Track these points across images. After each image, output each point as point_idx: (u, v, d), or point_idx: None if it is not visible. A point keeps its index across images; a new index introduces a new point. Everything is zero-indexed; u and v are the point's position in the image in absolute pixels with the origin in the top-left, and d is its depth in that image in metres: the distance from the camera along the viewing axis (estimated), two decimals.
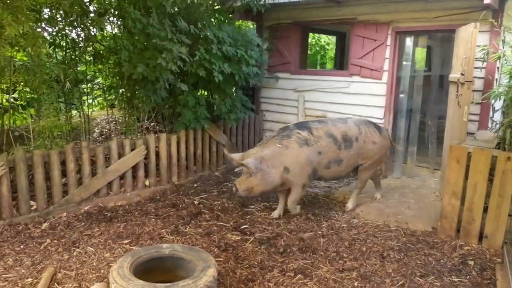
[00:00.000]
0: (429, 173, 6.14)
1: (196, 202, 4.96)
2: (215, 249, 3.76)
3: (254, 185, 4.22)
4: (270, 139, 4.45)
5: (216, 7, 6.04)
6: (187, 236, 4.01)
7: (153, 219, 4.42)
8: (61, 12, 4.68)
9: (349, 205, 4.84)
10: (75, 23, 4.90)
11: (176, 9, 5.01)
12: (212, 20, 5.58)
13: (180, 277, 2.92)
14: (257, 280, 3.27)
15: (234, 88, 5.94)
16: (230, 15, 5.99)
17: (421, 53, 10.10)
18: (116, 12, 5.16)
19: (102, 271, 3.33)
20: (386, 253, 3.77)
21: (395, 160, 6.16)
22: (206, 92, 6.03)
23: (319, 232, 4.19)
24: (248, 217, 4.58)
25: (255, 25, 6.83)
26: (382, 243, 3.97)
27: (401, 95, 6.11)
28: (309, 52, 9.43)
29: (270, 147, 4.35)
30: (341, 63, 9.08)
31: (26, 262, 3.46)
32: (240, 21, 7.24)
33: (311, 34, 10.03)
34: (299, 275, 3.35)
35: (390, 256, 3.71)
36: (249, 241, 3.96)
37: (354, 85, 6.08)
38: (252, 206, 4.85)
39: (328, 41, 12.21)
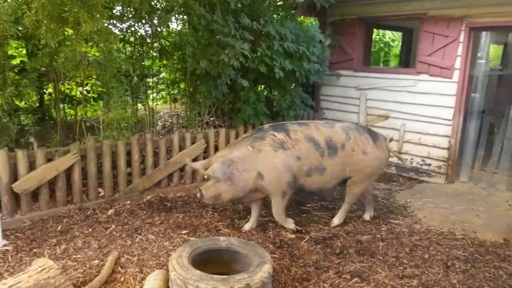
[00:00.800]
0: (500, 180, 5.69)
1: None
2: (270, 246, 3.75)
3: (222, 192, 3.74)
4: (241, 140, 3.95)
5: (279, 3, 6.02)
6: (243, 231, 4.05)
7: (210, 212, 4.51)
8: (131, 9, 4.90)
9: (335, 220, 4.27)
10: (144, 20, 5.11)
11: (239, 6, 5.05)
12: (275, 16, 5.57)
13: (235, 270, 2.96)
14: (312, 280, 3.22)
15: (293, 85, 5.89)
16: (293, 11, 5.94)
17: (495, 51, 9.38)
18: (182, 9, 5.32)
19: (161, 258, 3.45)
20: (451, 262, 3.55)
21: (462, 164, 5.78)
22: (265, 88, 6.04)
23: (378, 236, 4.04)
24: (304, 215, 4.52)
25: (317, 21, 6.71)
26: (447, 252, 3.74)
27: (473, 95, 5.71)
28: (372, 49, 9.11)
29: (240, 148, 3.83)
30: (406, 60, 8.67)
31: (93, 244, 3.69)
32: (302, 17, 7.16)
33: (375, 30, 9.68)
34: (355, 278, 3.25)
35: (455, 266, 3.49)
36: (305, 240, 3.91)
37: (421, 83, 5.77)
38: (308, 205, 4.79)
39: (393, 37, 11.73)
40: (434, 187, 5.55)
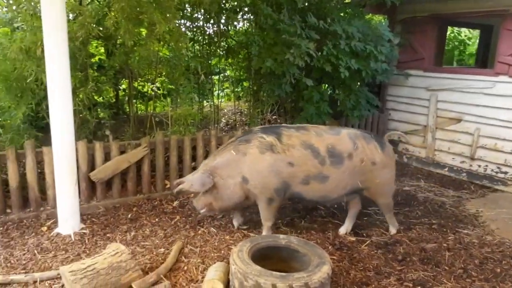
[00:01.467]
0: None
1: None
2: (329, 247, 3.72)
3: (211, 201, 3.65)
4: (225, 145, 3.77)
5: (347, 1, 5.91)
6: (302, 230, 4.05)
7: None
8: (201, 10, 5.08)
9: (391, 230, 4.07)
10: (212, 20, 5.28)
11: (306, 5, 5.05)
12: (342, 14, 5.48)
13: (294, 269, 2.98)
14: (372, 284, 3.15)
15: (359, 84, 5.77)
16: (361, 9, 5.81)
17: None
18: (249, 9, 5.42)
19: (222, 251, 3.57)
20: None
21: None
22: (329, 87, 5.98)
23: (444, 245, 3.84)
24: (365, 218, 4.42)
25: (386, 19, 6.50)
26: None
27: None
28: (445, 47, 8.62)
29: (223, 154, 3.66)
30: (484, 60, 8.10)
31: (160, 233, 3.90)
32: (370, 14, 6.96)
33: (449, 28, 9.15)
34: (418, 287, 3.13)
35: None
36: (365, 244, 3.82)
37: (500, 85, 5.37)
38: (370, 208, 4.67)
39: (470, 35, 10.99)
40: (510, 197, 5.16)
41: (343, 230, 4.02)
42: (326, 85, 5.95)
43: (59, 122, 3.58)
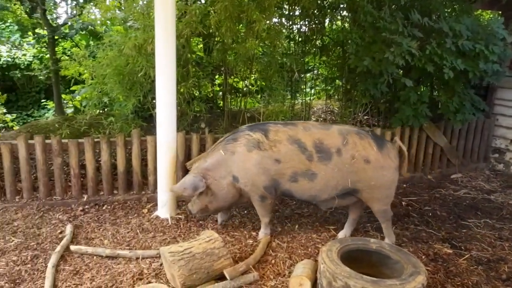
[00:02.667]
0: None
1: (403, 203, 4.74)
2: (423, 257, 3.53)
3: (207, 203, 3.62)
4: (215, 145, 3.67)
5: None
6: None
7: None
8: (299, 8, 5.11)
9: (386, 241, 3.65)
10: (309, 18, 5.28)
11: (409, 1, 4.80)
12: (449, 11, 5.11)
13: (384, 275, 2.88)
14: None
15: (463, 86, 5.34)
16: (471, 5, 5.36)
17: None
18: (347, 6, 5.31)
19: (309, 249, 3.57)
20: None
21: None
22: (428, 88, 5.62)
23: None
24: (464, 230, 4.10)
25: (501, 16, 5.92)
26: None
27: None
28: None
29: (213, 155, 3.58)
30: None
31: (248, 225, 4.03)
32: (480, 10, 6.40)
33: None
34: None
35: None
36: (464, 257, 3.55)
37: None
38: (470, 220, 4.32)
39: None
40: None
41: (341, 234, 3.81)
42: (425, 86, 5.61)
43: (164, 113, 3.87)
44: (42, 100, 10.70)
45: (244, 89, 5.90)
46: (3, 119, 5.73)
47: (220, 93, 6.23)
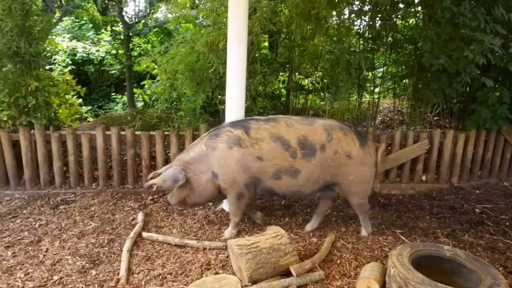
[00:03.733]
0: None
1: (477, 210, 4.47)
2: (500, 269, 3.30)
3: (185, 196, 3.58)
4: (199, 139, 3.61)
5: None
6: (465, 244, 3.69)
7: (427, 216, 4.27)
8: (370, 3, 4.97)
9: (363, 232, 3.77)
10: (380, 14, 5.12)
11: None
12: None
13: (457, 284, 2.75)
14: None
15: None
16: None
17: None
18: (421, 2, 5.08)
19: (375, 251, 3.48)
20: None
21: None
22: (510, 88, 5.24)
23: None
24: None
25: None
26: None
27: None
28: None
29: (195, 149, 3.55)
30: None
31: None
32: None
33: None
34: None
35: None
36: None
37: None
38: None
39: None
40: None
41: (308, 227, 3.83)
42: (505, 87, 5.23)
43: (233, 109, 3.95)
44: (112, 94, 11.35)
45: (309, 86, 5.85)
46: (79, 111, 6.18)
47: (284, 90, 6.24)
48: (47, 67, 6.88)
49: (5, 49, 4.61)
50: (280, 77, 6.09)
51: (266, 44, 6.29)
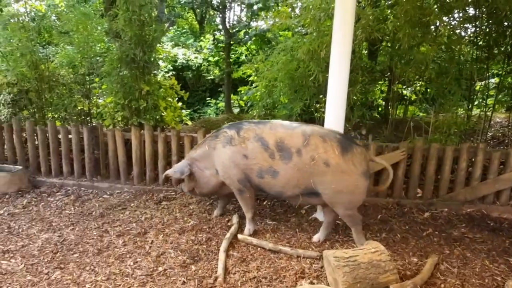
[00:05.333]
0: None
1: None
2: None
3: (193, 187, 4.06)
4: (204, 139, 3.99)
5: None
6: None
7: None
8: (487, 9, 4.58)
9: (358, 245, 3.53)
10: (497, 19, 4.68)
11: None
12: None
13: None
14: None
15: None
16: None
17: None
18: None
19: (486, 280, 3.18)
20: None
21: None
22: None
23: None
24: None
25: None
26: None
27: None
28: None
29: (200, 147, 3.99)
30: None
31: (411, 242, 3.78)
32: None
33: None
34: None
35: None
36: None
37: None
38: None
39: None
40: None
41: (315, 238, 3.78)
42: None
43: (333, 118, 3.90)
44: (207, 98, 11.94)
45: (411, 96, 5.56)
46: (181, 114, 6.61)
47: (382, 99, 6.00)
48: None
49: (123, 56, 5.10)
50: (379, 86, 5.87)
51: (366, 52, 6.11)
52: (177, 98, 6.42)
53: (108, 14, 5.23)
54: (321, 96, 5.00)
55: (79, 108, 6.12)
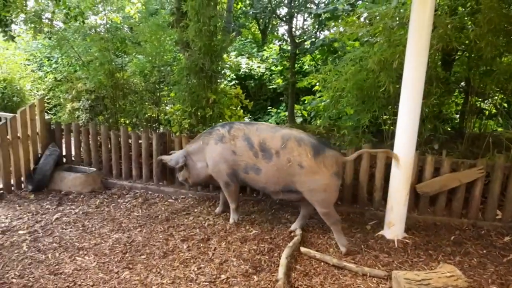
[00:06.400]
0: None
1: None
2: None
3: (187, 176, 4.53)
4: (200, 135, 4.45)
5: None
6: None
7: None
8: None
9: (341, 248, 3.74)
10: None
11: None
12: None
13: None
14: None
15: None
16: None
17: None
18: None
19: None
20: None
21: None
22: None
23: None
24: None
25: None
26: None
27: None
28: None
29: (196, 142, 4.43)
30: None
31: (490, 268, 3.48)
32: None
33: None
34: None
35: None
36: None
37: None
38: None
39: None
40: None
41: (292, 227, 4.17)
42: None
43: (404, 131, 3.72)
44: (268, 107, 12.00)
45: (490, 109, 5.15)
46: None
47: (456, 112, 5.63)
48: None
49: (193, 66, 5.27)
50: (453, 98, 5.52)
51: (439, 62, 5.78)
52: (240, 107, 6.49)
53: (180, 26, 5.43)
54: (389, 107, 4.80)
55: (148, 114, 6.40)
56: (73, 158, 5.79)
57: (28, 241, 3.88)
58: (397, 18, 4.17)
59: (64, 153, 5.80)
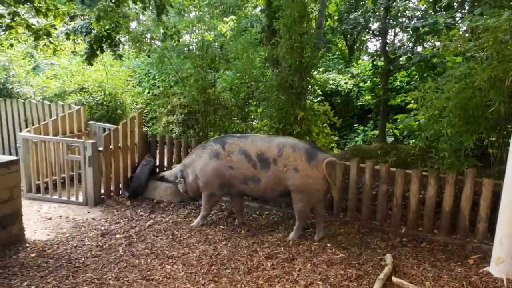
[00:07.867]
0: None
1: None
2: None
3: (187, 189, 4.75)
4: (195, 149, 4.73)
5: None
6: None
7: None
8: None
9: (290, 235, 4.33)
10: None
11: None
12: None
13: None
14: None
15: None
16: None
17: None
18: None
19: None
20: None
21: None
22: None
23: None
24: None
25: None
26: None
27: None
28: None
29: (190, 155, 4.70)
30: None
31: None
32: None
33: None
34: None
35: None
36: None
37: None
38: None
39: None
40: None
41: (316, 237, 4.29)
42: None
43: None
44: (355, 125, 11.64)
45: None
46: (333, 140, 6.53)
47: None
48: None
49: (282, 82, 5.28)
50: None
51: None
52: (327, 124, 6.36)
53: (271, 43, 5.49)
54: (498, 128, 4.33)
55: (235, 129, 6.55)
56: (165, 169, 6.11)
57: (123, 245, 4.12)
58: (511, 31, 3.75)
59: (157, 163, 6.15)
